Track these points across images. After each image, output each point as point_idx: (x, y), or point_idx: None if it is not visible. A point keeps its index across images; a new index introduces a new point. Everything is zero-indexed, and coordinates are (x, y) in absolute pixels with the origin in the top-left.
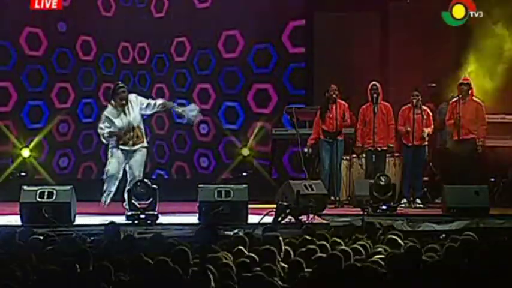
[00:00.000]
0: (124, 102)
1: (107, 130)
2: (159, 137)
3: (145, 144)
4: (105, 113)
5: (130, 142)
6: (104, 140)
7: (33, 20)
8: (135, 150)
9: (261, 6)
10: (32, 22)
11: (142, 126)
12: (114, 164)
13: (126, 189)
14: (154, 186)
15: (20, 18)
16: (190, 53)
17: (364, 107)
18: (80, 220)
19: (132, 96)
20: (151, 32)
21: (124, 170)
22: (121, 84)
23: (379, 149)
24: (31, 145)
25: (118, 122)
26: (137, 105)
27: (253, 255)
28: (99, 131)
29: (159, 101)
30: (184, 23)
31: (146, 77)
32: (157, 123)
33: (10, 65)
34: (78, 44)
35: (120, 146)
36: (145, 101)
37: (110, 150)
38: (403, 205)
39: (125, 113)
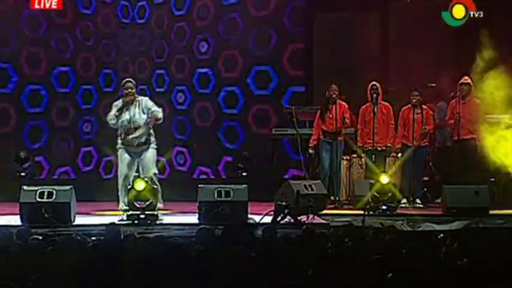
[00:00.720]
0: (129, 98)
1: (113, 114)
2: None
3: (152, 144)
4: (114, 103)
5: (135, 143)
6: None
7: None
8: (142, 151)
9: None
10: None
11: (147, 129)
12: (123, 165)
13: (127, 188)
14: (154, 186)
15: None
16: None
17: (364, 107)
18: (79, 220)
19: (144, 99)
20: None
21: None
22: (128, 80)
23: (378, 148)
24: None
25: (121, 117)
26: (145, 108)
27: None
28: (107, 118)
29: (160, 114)
30: None
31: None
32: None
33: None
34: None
35: (125, 147)
36: (150, 106)
37: (118, 152)
38: (403, 205)
39: (129, 110)
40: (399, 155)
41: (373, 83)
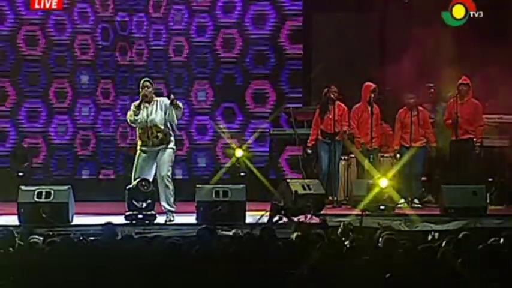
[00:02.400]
0: (146, 98)
1: (132, 111)
2: None
3: (169, 145)
4: (133, 103)
5: (150, 142)
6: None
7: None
8: (159, 151)
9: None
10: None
11: (164, 128)
12: (138, 167)
13: (127, 188)
14: (153, 188)
15: None
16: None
17: (357, 106)
18: (77, 220)
19: (162, 99)
20: None
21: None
22: (146, 79)
23: (370, 148)
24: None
25: (139, 116)
26: (163, 107)
27: None
28: (127, 116)
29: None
30: None
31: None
32: None
33: None
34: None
35: (142, 147)
36: (168, 103)
37: (137, 154)
38: (400, 205)
39: (146, 109)
40: (397, 156)
41: (373, 84)
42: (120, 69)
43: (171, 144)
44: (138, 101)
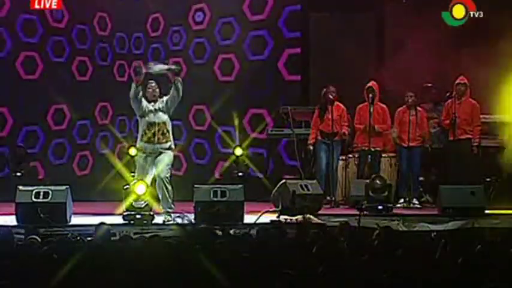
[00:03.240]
0: (152, 98)
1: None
2: None
3: (171, 145)
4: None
5: (155, 139)
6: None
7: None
8: (159, 152)
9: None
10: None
11: (168, 127)
12: (138, 171)
13: (124, 187)
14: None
15: None
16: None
17: (360, 106)
18: (76, 220)
19: (164, 98)
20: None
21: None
22: (152, 83)
23: (372, 149)
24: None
25: (147, 116)
26: (164, 105)
27: None
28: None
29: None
30: None
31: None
32: None
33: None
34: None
35: (145, 144)
36: (166, 97)
37: (137, 156)
38: (399, 205)
39: (153, 107)
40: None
41: (370, 83)
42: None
43: (172, 145)
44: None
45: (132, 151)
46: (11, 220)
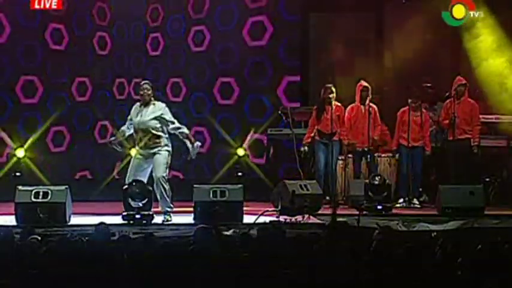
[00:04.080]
0: (143, 101)
1: (121, 128)
2: None
3: (163, 147)
4: (134, 106)
5: (142, 143)
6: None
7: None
8: (154, 153)
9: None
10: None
11: (158, 133)
12: (131, 173)
13: (123, 188)
14: (150, 187)
15: None
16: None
17: (351, 106)
18: (75, 220)
19: (160, 104)
20: None
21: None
22: (143, 82)
23: (366, 149)
24: (26, 145)
25: (135, 118)
26: (158, 115)
27: None
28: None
29: (183, 130)
30: None
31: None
32: None
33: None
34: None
35: (137, 147)
36: (168, 118)
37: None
38: (399, 205)
39: (141, 111)
40: (397, 155)
41: (364, 83)
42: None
43: (166, 147)
44: (135, 107)
45: (133, 152)
46: (10, 220)
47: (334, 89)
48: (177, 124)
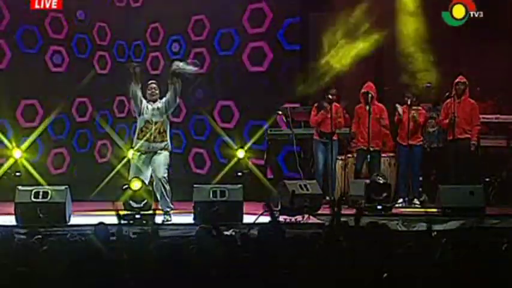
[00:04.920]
0: (152, 98)
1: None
2: None
3: (166, 145)
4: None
5: (151, 137)
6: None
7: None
8: (156, 152)
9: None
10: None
11: (165, 127)
12: (132, 171)
13: (123, 188)
14: (150, 188)
15: None
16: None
17: (358, 107)
18: (75, 220)
19: (163, 99)
20: None
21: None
22: (150, 82)
23: (371, 149)
24: (24, 146)
25: (145, 113)
26: (163, 108)
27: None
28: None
29: (171, 91)
30: None
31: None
32: None
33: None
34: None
35: (141, 142)
36: (164, 99)
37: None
38: (398, 205)
39: (151, 106)
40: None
41: (366, 87)
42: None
43: (168, 146)
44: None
45: (130, 153)
46: (10, 220)
47: (335, 90)
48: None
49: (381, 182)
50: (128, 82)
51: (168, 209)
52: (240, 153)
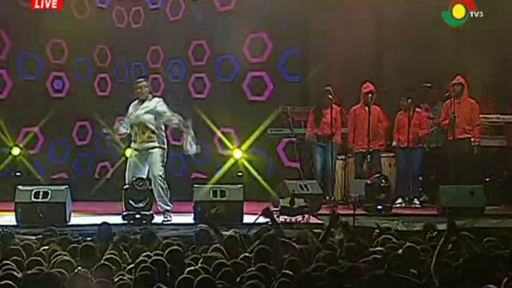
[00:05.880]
0: (140, 96)
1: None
2: None
3: (158, 145)
4: (131, 104)
5: (138, 139)
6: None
7: None
8: (147, 151)
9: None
10: None
11: (153, 128)
12: (130, 167)
13: (124, 188)
14: (150, 187)
15: None
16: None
17: (355, 108)
18: (75, 220)
19: (156, 99)
20: None
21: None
22: (138, 80)
23: (370, 149)
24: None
25: (131, 114)
26: (153, 109)
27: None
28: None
29: (175, 120)
30: None
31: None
32: None
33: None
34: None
35: (133, 146)
36: (167, 112)
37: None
38: (397, 205)
39: (139, 108)
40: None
41: (370, 85)
42: None
43: (161, 144)
44: (132, 104)
45: (128, 152)
46: (10, 220)
47: (332, 92)
48: (169, 113)
49: (384, 184)
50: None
51: (168, 208)
52: (237, 154)
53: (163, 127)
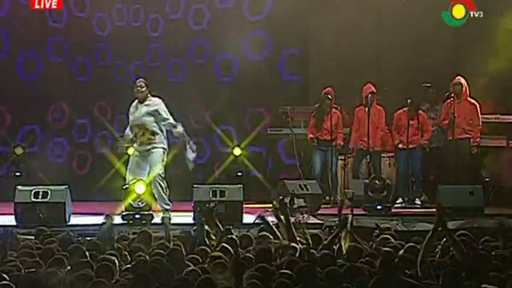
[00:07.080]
0: (139, 99)
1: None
2: None
3: (158, 145)
4: (132, 104)
5: (138, 141)
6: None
7: None
8: (148, 151)
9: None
10: None
11: (153, 129)
12: (129, 171)
13: (123, 187)
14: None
15: None
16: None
17: (358, 108)
18: (75, 220)
19: (156, 100)
20: None
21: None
22: (138, 82)
23: (371, 150)
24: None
25: (131, 116)
26: (153, 111)
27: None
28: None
29: (178, 128)
30: None
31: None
32: None
33: None
34: None
35: (134, 145)
36: (163, 113)
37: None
38: (397, 205)
39: (138, 109)
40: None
41: (371, 86)
42: None
43: (161, 145)
44: (132, 105)
45: (130, 150)
46: (10, 220)
47: (331, 97)
48: (171, 121)
49: (377, 186)
50: None
51: (167, 207)
52: (236, 151)
53: (163, 127)
